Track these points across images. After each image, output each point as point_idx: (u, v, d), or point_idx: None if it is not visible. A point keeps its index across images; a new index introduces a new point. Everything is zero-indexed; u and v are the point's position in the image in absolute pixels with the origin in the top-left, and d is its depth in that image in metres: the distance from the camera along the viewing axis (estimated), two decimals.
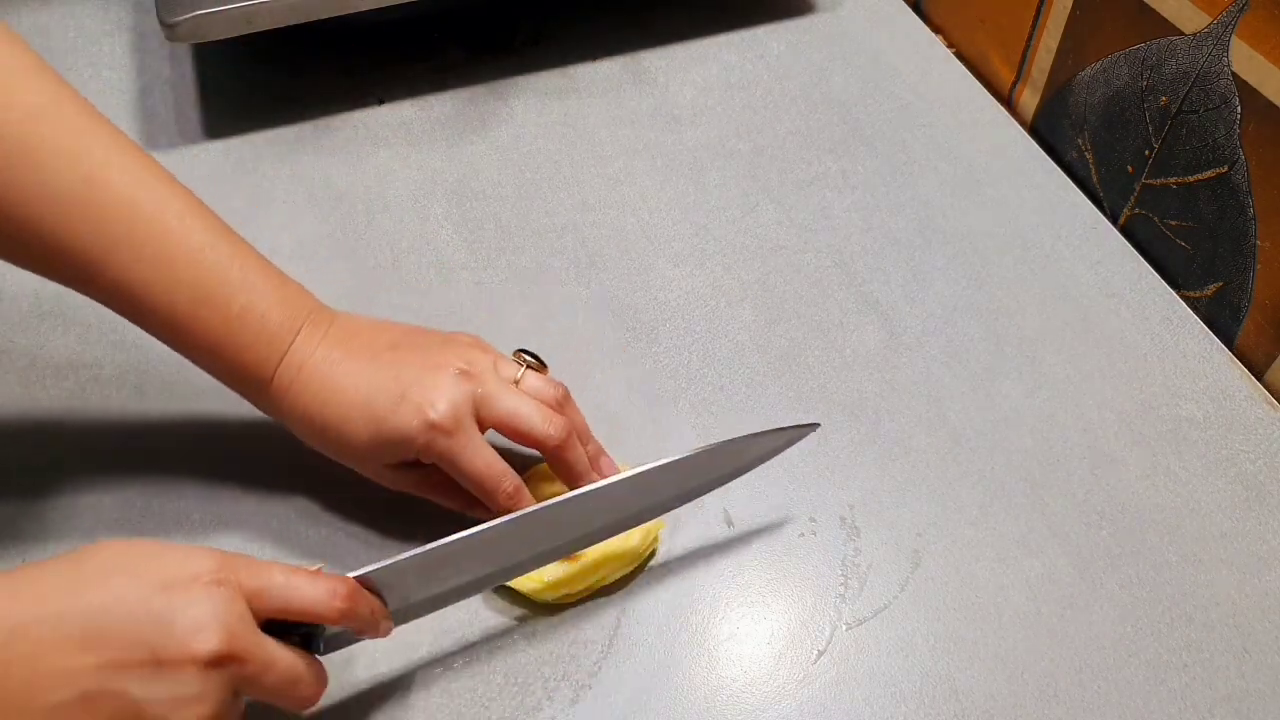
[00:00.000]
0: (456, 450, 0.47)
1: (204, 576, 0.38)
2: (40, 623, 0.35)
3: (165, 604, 0.37)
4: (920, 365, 0.61)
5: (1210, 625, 0.51)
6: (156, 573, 0.37)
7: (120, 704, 0.36)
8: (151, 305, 0.46)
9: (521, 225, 0.69)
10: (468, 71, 0.79)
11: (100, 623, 0.36)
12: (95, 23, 0.83)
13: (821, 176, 0.72)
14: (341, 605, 0.41)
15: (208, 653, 0.37)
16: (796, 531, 0.54)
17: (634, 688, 0.49)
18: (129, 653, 0.36)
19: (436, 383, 0.47)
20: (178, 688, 0.36)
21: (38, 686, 0.35)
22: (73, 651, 0.35)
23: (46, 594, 0.36)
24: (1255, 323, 0.62)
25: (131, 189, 0.45)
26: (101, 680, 0.35)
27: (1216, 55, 0.60)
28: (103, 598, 0.36)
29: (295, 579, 0.40)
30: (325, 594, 0.41)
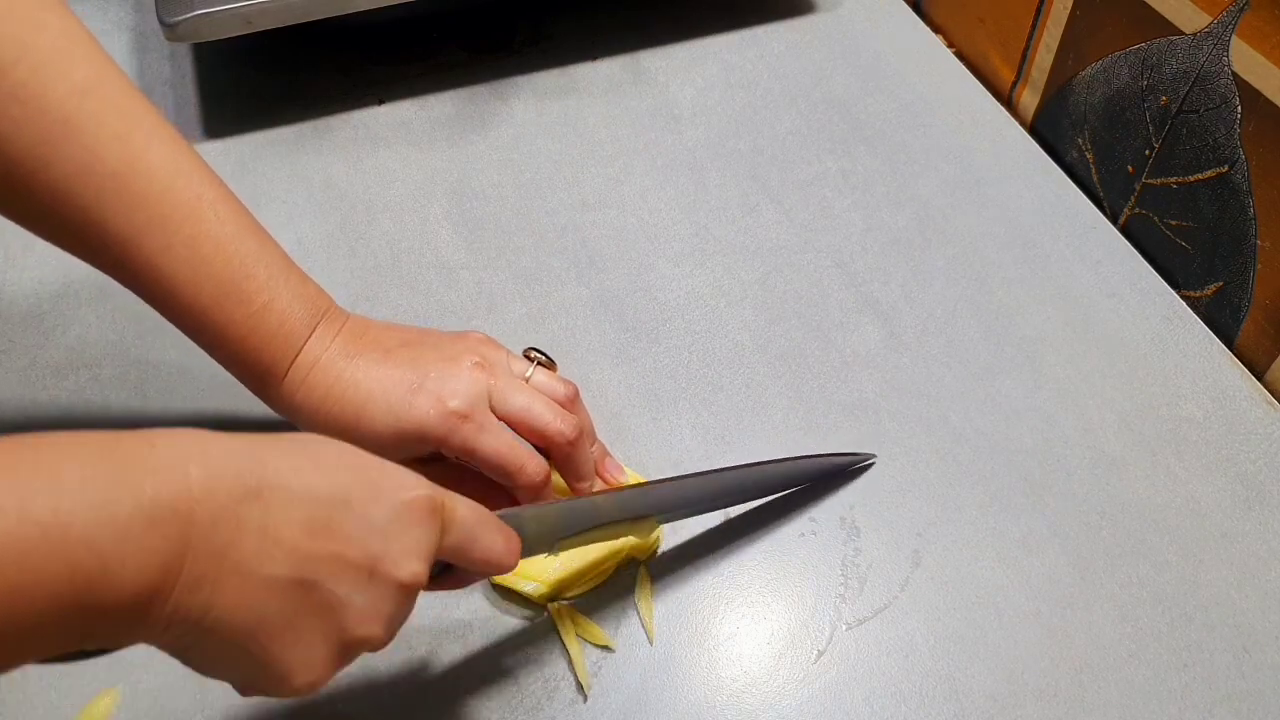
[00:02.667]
0: (478, 435, 0.47)
1: (423, 502, 0.38)
2: (283, 494, 0.34)
3: (390, 521, 0.37)
4: (920, 365, 0.61)
5: (1210, 625, 0.51)
6: (385, 483, 0.37)
7: (326, 597, 0.35)
8: (176, 293, 0.46)
9: (521, 225, 0.69)
10: (468, 71, 0.79)
11: (335, 516, 0.36)
12: (95, 23, 0.83)
13: (821, 176, 0.72)
14: (514, 562, 0.42)
15: (410, 580, 0.37)
16: (796, 531, 0.54)
17: (634, 687, 0.49)
18: (350, 553, 0.36)
19: (453, 374, 0.47)
20: (376, 600, 0.37)
21: (264, 553, 0.34)
22: (304, 532, 0.35)
23: (286, 468, 0.35)
24: (1255, 323, 0.62)
25: (170, 175, 0.45)
26: (320, 569, 0.35)
27: (1216, 55, 0.60)
28: (339, 491, 0.36)
29: (486, 523, 0.41)
30: (504, 548, 0.41)
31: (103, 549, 0.30)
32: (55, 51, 0.44)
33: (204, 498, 0.32)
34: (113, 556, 0.30)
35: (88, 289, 0.63)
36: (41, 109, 0.43)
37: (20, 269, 0.65)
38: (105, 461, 0.31)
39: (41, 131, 0.43)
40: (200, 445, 0.33)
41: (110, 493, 0.30)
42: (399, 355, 0.48)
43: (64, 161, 0.43)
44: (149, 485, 0.31)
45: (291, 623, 0.35)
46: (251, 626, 0.34)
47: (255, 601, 0.34)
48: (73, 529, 0.29)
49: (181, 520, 0.31)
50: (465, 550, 0.40)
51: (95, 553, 0.29)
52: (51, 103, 0.43)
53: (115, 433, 0.32)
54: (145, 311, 0.48)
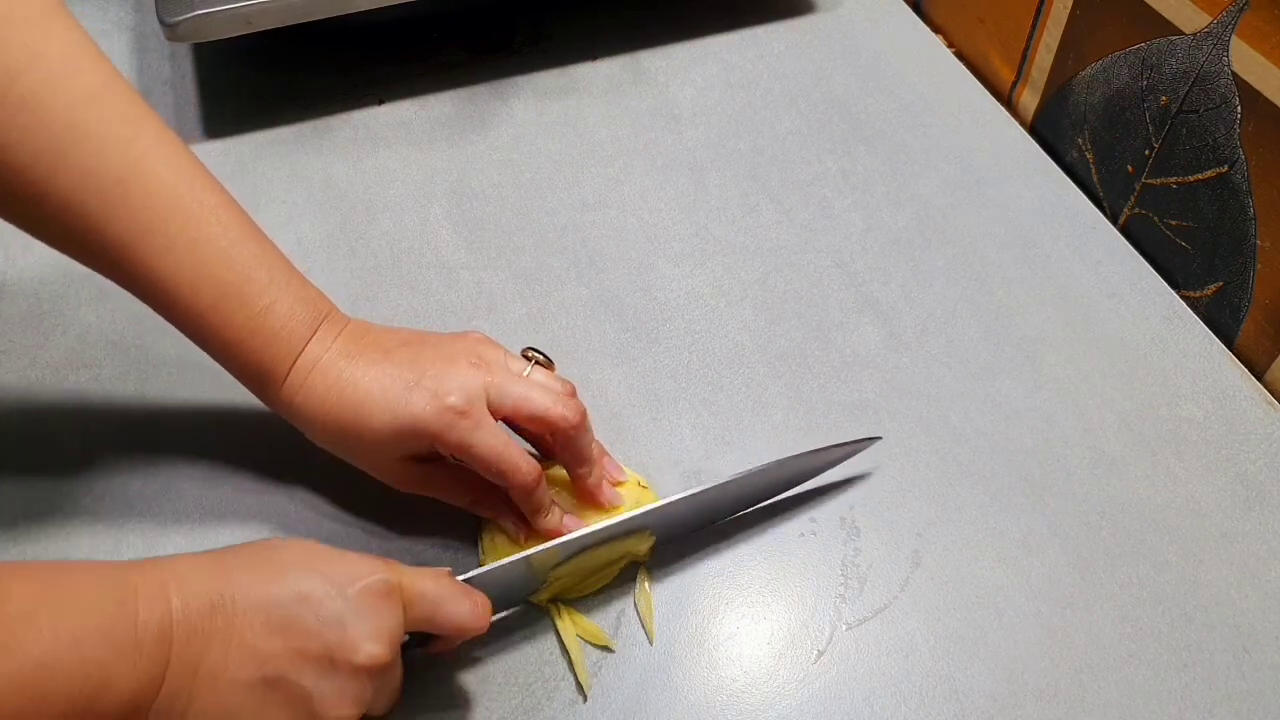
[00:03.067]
0: (472, 432, 0.47)
1: (376, 587, 0.41)
2: (240, 604, 0.39)
3: (345, 609, 0.40)
4: (920, 365, 0.61)
5: (1210, 625, 0.51)
6: (338, 576, 0.41)
7: (294, 691, 0.39)
8: (178, 295, 0.46)
9: (521, 225, 0.69)
10: (468, 71, 0.79)
11: (291, 614, 0.40)
12: (95, 23, 0.83)
13: (821, 176, 0.72)
14: (483, 624, 0.44)
15: (372, 661, 0.41)
16: (796, 531, 0.54)
17: (634, 688, 0.49)
18: (310, 646, 0.40)
19: (451, 372, 0.48)
20: (341, 685, 0.40)
21: (230, 659, 0.38)
22: (265, 635, 0.39)
23: (245, 579, 0.40)
24: (1255, 323, 0.62)
25: (173, 179, 0.46)
26: (284, 666, 0.39)
27: (1216, 55, 0.60)
28: (293, 592, 0.40)
29: (446, 594, 0.44)
30: (470, 613, 0.44)
31: (107, 664, 0.36)
32: (63, 59, 0.44)
33: (180, 620, 0.38)
34: (114, 671, 0.36)
35: (88, 289, 0.63)
36: (50, 116, 0.43)
37: (20, 269, 0.65)
38: (112, 591, 0.37)
39: (49, 138, 0.43)
40: (178, 573, 0.39)
41: (115, 619, 0.37)
42: (398, 355, 0.49)
43: (70, 168, 0.44)
44: (142, 612, 0.37)
45: (262, 716, 0.39)
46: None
47: (227, 704, 0.39)
48: (89, 648, 0.36)
49: (164, 642, 0.37)
50: (432, 621, 0.44)
51: (102, 667, 0.36)
52: (59, 110, 0.43)
53: (119, 565, 0.39)
54: (145, 311, 0.48)
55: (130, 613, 0.37)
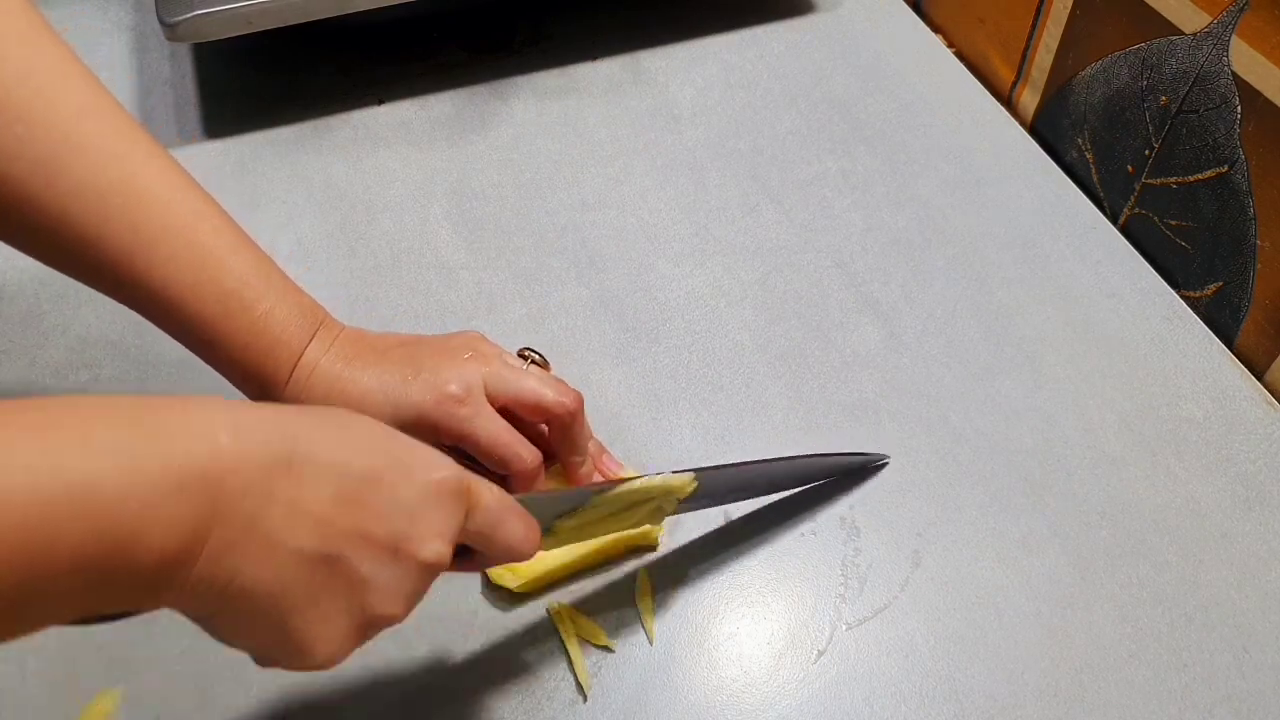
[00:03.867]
0: (472, 420, 0.48)
1: (450, 483, 0.38)
2: (313, 467, 0.35)
3: (417, 500, 0.37)
4: (920, 365, 0.61)
5: (1210, 625, 0.51)
6: (413, 462, 0.38)
7: (350, 573, 0.36)
8: (181, 304, 0.46)
9: (521, 225, 0.69)
10: (468, 71, 0.79)
11: (363, 492, 0.36)
12: (95, 22, 0.83)
13: (821, 176, 0.72)
14: (533, 550, 0.42)
15: (434, 560, 0.37)
16: (796, 531, 0.54)
17: (634, 687, 0.49)
18: (376, 529, 0.36)
19: (448, 364, 0.49)
20: (399, 579, 0.37)
21: (292, 525, 0.34)
22: (332, 507, 0.35)
23: (317, 440, 0.35)
24: (1255, 323, 0.62)
25: (168, 191, 0.47)
26: (345, 544, 0.35)
27: (1216, 55, 0.60)
28: (368, 467, 0.36)
29: (509, 511, 0.41)
30: (524, 536, 0.41)
31: (130, 512, 0.30)
32: (56, 74, 0.45)
33: (234, 466, 0.32)
34: (140, 520, 0.30)
35: (88, 290, 0.62)
36: (46, 128, 0.44)
37: (20, 269, 0.65)
38: (136, 426, 0.31)
39: (46, 150, 0.44)
40: (231, 414, 0.33)
41: (140, 457, 0.30)
42: (395, 354, 0.50)
43: (67, 179, 0.44)
44: (179, 451, 0.31)
45: (315, 596, 0.35)
46: (275, 597, 0.34)
47: (281, 572, 0.34)
48: (101, 491, 0.29)
49: (211, 487, 0.31)
50: (488, 535, 0.40)
51: (123, 515, 0.30)
52: (55, 122, 0.44)
53: (147, 398, 0.32)
54: None
55: (162, 450, 0.31)
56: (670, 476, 0.48)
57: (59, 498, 0.29)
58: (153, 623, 0.50)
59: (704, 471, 0.50)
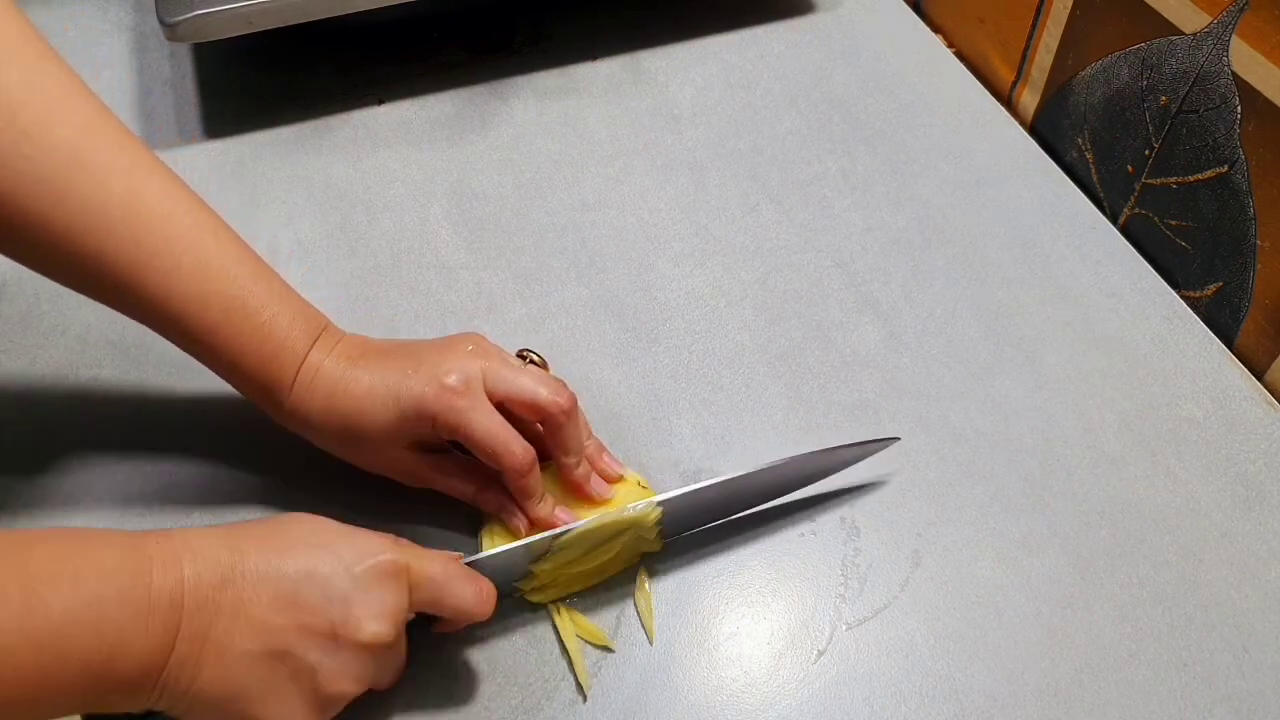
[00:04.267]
0: (468, 413, 0.48)
1: (383, 567, 0.42)
2: (250, 577, 0.40)
3: (351, 587, 0.41)
4: (920, 365, 0.61)
5: (1210, 625, 0.51)
6: (346, 554, 0.42)
7: (299, 665, 0.41)
8: (187, 313, 0.47)
9: (521, 225, 0.69)
10: (468, 71, 0.79)
11: (299, 589, 0.41)
12: (95, 23, 0.83)
13: (821, 176, 0.72)
14: (488, 609, 0.45)
15: (375, 639, 0.42)
16: (796, 531, 0.54)
17: (634, 687, 0.49)
18: (316, 622, 0.41)
19: (449, 357, 0.50)
20: (344, 661, 0.41)
21: (238, 631, 0.39)
22: (272, 610, 0.40)
23: (256, 554, 0.41)
24: (1255, 323, 0.62)
25: (170, 204, 0.48)
26: (289, 640, 0.40)
27: (1216, 55, 0.60)
28: (302, 568, 0.41)
29: (453, 578, 0.45)
30: (475, 599, 0.45)
31: (123, 629, 0.37)
32: (59, 94, 0.46)
33: (191, 589, 0.39)
34: (129, 635, 0.37)
35: None
36: (51, 146, 0.45)
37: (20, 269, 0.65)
38: (130, 558, 0.38)
39: (52, 168, 0.45)
40: (193, 544, 0.40)
41: (131, 585, 0.38)
42: (396, 353, 0.51)
43: (74, 195, 0.45)
44: (156, 580, 0.38)
45: (269, 688, 0.40)
46: (232, 695, 0.40)
47: (233, 674, 0.39)
48: (107, 611, 0.37)
49: (176, 609, 0.38)
50: (437, 604, 0.44)
51: (119, 631, 0.37)
52: (60, 140, 0.45)
53: (135, 534, 0.40)
54: None
55: (146, 580, 0.38)
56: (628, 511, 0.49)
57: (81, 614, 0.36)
58: None
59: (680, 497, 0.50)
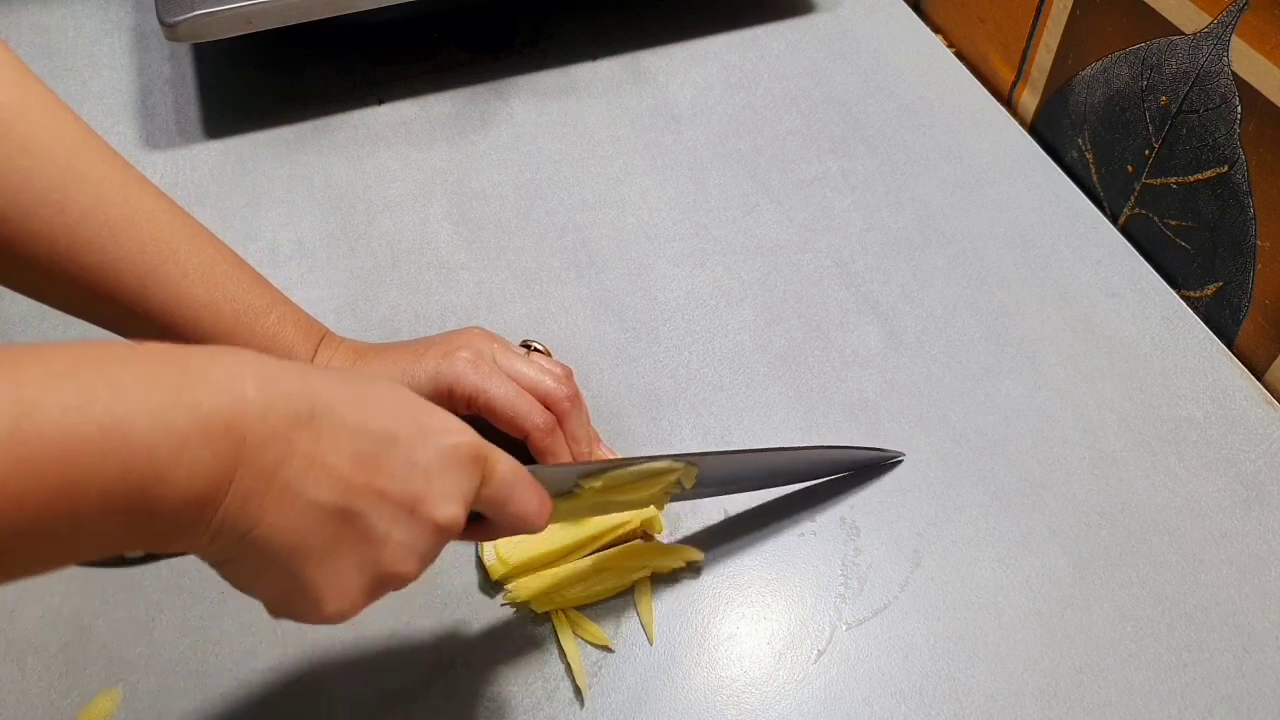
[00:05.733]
0: (487, 378, 0.49)
1: (467, 449, 0.39)
2: (334, 423, 0.36)
3: (434, 463, 0.38)
4: (920, 365, 0.61)
5: (1210, 625, 0.51)
6: (433, 426, 0.39)
7: (366, 529, 0.37)
8: (199, 319, 0.48)
9: (521, 225, 0.69)
10: (468, 71, 0.79)
11: (381, 452, 0.37)
12: (95, 23, 0.83)
13: (821, 176, 0.72)
14: (545, 523, 0.43)
15: (448, 522, 0.38)
16: (796, 531, 0.54)
17: (634, 688, 0.49)
18: (393, 488, 0.37)
19: (458, 338, 0.51)
20: (413, 538, 0.38)
21: (311, 478, 0.35)
22: (350, 463, 0.36)
23: (339, 399, 0.36)
24: (1255, 323, 0.62)
25: (168, 214, 0.48)
26: (362, 501, 0.36)
27: (1216, 55, 0.60)
28: (387, 428, 0.37)
29: (523, 482, 0.42)
30: (537, 509, 0.42)
31: (157, 455, 0.31)
32: (47, 111, 0.46)
33: (258, 417, 0.33)
34: (166, 463, 0.31)
35: None
36: (49, 158, 0.45)
37: None
38: (166, 373, 0.32)
39: (51, 179, 0.45)
40: (257, 367, 0.34)
41: (169, 403, 0.31)
42: (401, 347, 0.52)
43: (75, 206, 0.45)
44: (207, 399, 0.32)
45: (330, 549, 0.36)
46: (292, 547, 0.35)
47: (298, 523, 0.35)
48: (131, 433, 0.30)
49: (235, 436, 0.33)
50: (501, 504, 0.41)
51: (150, 458, 0.31)
52: (57, 153, 0.45)
53: (178, 346, 0.33)
54: None
55: (190, 398, 0.32)
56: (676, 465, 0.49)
57: (91, 437, 0.30)
58: (152, 623, 0.50)
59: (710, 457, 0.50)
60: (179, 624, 0.50)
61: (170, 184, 0.70)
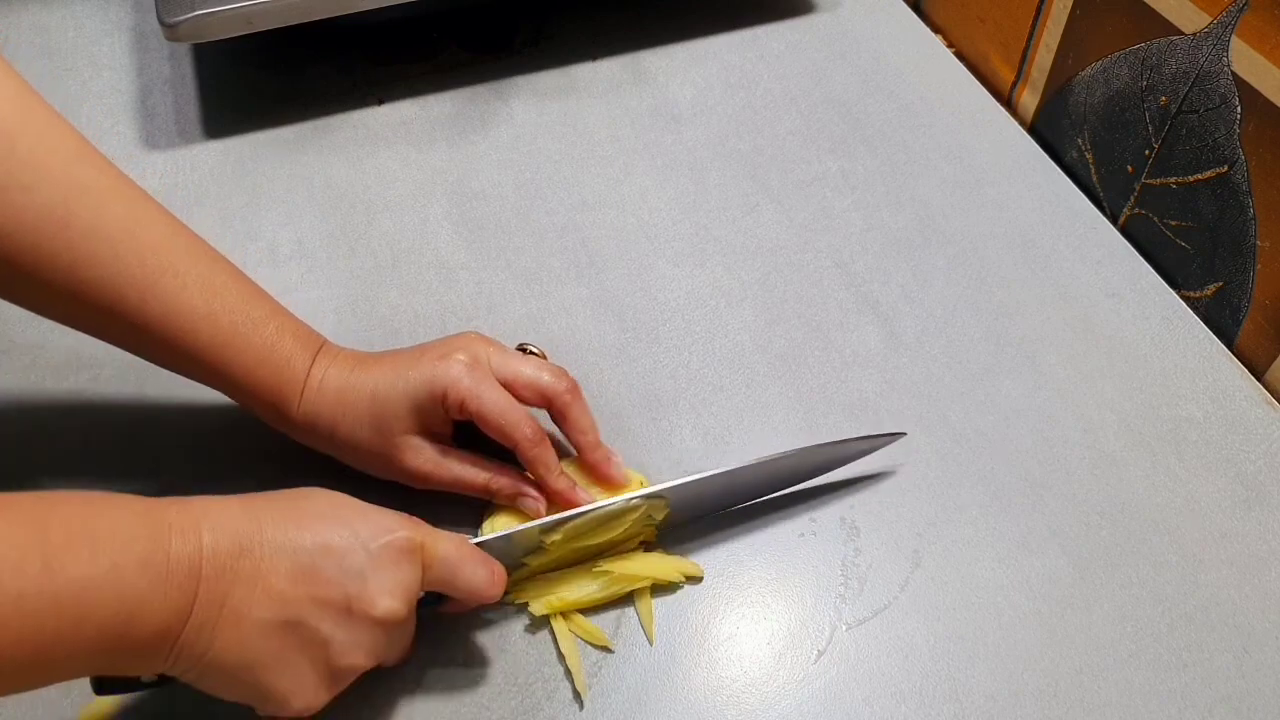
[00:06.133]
0: (481, 383, 0.50)
1: (399, 544, 0.43)
2: (271, 547, 0.40)
3: (366, 563, 0.42)
4: (920, 365, 0.61)
5: (1210, 625, 0.51)
6: (363, 530, 0.42)
7: (312, 636, 0.41)
8: (198, 329, 0.48)
9: (521, 225, 0.69)
10: (468, 71, 0.79)
11: (315, 562, 0.41)
12: (95, 23, 0.83)
13: (821, 176, 0.72)
14: (498, 591, 0.46)
15: (385, 615, 0.42)
16: (796, 531, 0.54)
17: (634, 688, 0.49)
18: (331, 595, 0.41)
19: (455, 341, 0.52)
20: (356, 635, 0.42)
21: (254, 600, 0.40)
22: (288, 581, 0.40)
23: (274, 525, 0.41)
24: (1255, 323, 0.62)
25: (167, 226, 0.49)
26: (304, 611, 0.41)
27: (1216, 55, 0.60)
28: (319, 542, 0.41)
29: (466, 559, 0.45)
30: (486, 580, 0.45)
31: (142, 593, 0.37)
32: (47, 126, 0.47)
33: (210, 557, 0.39)
34: (148, 600, 0.37)
35: None
36: (50, 173, 0.46)
37: None
38: (146, 524, 0.38)
39: (53, 193, 0.45)
40: (207, 513, 0.40)
41: (149, 551, 0.38)
42: (395, 355, 0.52)
43: (78, 219, 0.46)
44: (175, 546, 0.38)
45: (280, 657, 0.41)
46: (246, 662, 0.40)
47: (247, 642, 0.40)
48: (126, 575, 0.37)
49: (194, 576, 0.38)
50: (449, 583, 0.45)
51: (137, 595, 0.37)
52: (56, 167, 0.46)
53: (150, 501, 0.40)
54: None
55: (164, 546, 0.38)
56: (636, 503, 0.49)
57: (99, 578, 0.36)
58: None
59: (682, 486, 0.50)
60: None
61: (170, 184, 0.70)
